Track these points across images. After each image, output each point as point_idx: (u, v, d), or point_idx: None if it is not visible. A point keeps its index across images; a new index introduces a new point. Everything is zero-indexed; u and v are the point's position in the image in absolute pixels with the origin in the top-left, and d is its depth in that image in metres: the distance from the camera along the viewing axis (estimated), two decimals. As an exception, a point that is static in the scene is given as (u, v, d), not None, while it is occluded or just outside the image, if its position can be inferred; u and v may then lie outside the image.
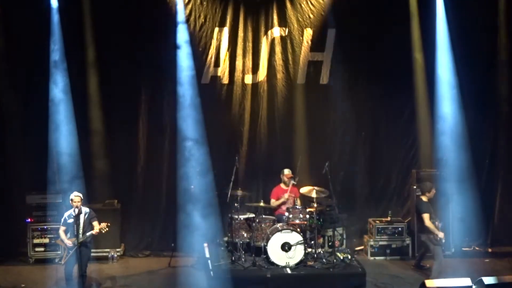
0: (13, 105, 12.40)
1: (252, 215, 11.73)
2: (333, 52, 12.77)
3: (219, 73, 12.84)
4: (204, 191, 12.20)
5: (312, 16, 12.77)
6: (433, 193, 11.21)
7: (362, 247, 12.79)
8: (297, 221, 11.33)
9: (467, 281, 7.91)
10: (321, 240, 11.96)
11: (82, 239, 10.22)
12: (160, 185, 12.79)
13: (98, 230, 10.26)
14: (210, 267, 11.08)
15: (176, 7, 12.41)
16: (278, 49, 12.86)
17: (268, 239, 11.06)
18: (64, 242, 10.34)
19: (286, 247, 11.02)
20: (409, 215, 12.77)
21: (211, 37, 12.71)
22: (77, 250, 10.18)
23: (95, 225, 10.33)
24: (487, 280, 7.85)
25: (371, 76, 12.86)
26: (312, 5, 12.75)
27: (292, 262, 11.00)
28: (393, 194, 13.20)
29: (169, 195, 12.62)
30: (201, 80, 12.71)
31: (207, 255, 11.56)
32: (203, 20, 12.66)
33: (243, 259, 11.22)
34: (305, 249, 11.07)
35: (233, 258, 11.23)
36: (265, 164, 12.96)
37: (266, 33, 12.80)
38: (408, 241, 12.43)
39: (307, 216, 11.41)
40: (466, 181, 12.27)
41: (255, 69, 12.90)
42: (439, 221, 11.05)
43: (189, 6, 12.58)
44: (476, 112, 12.70)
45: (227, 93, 12.92)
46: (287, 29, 12.81)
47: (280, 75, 12.93)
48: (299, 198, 12.07)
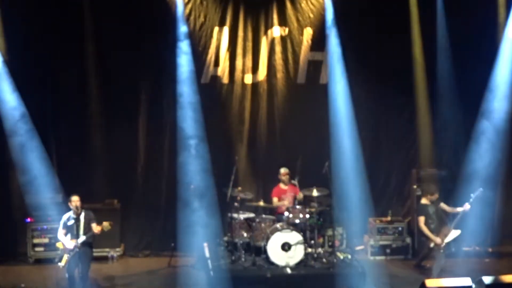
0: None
1: (252, 215, 11.73)
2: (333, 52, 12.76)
3: (219, 73, 12.83)
4: (204, 190, 12.19)
5: (312, 15, 12.77)
6: (435, 197, 11.16)
7: (362, 246, 12.77)
8: (297, 221, 11.32)
9: (467, 280, 7.88)
10: (321, 240, 11.96)
11: (83, 239, 10.20)
12: (160, 184, 12.77)
13: (99, 230, 10.21)
14: (210, 267, 11.05)
15: (176, 6, 12.40)
16: (278, 48, 12.85)
17: (268, 238, 11.05)
18: (65, 244, 10.29)
19: (286, 247, 11.01)
20: (409, 215, 12.77)
21: (211, 37, 12.70)
22: (79, 251, 10.15)
23: (93, 227, 10.28)
24: (487, 279, 7.82)
25: (371, 76, 12.86)
26: (312, 5, 12.75)
27: (292, 262, 10.98)
28: (393, 194, 13.20)
29: (169, 194, 12.60)
30: (201, 80, 12.70)
31: (207, 255, 11.53)
32: (203, 20, 12.65)
33: (243, 259, 11.20)
34: (305, 249, 11.06)
35: (233, 258, 11.22)
36: (265, 163, 12.95)
37: (266, 32, 12.80)
38: (408, 241, 12.43)
39: (307, 216, 11.40)
40: (466, 181, 12.26)
41: (255, 69, 12.89)
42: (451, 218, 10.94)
43: (189, 5, 12.56)
44: (476, 112, 12.68)
45: (227, 93, 12.91)
46: (287, 29, 12.80)
47: (280, 75, 12.91)
48: (300, 192, 11.91)
